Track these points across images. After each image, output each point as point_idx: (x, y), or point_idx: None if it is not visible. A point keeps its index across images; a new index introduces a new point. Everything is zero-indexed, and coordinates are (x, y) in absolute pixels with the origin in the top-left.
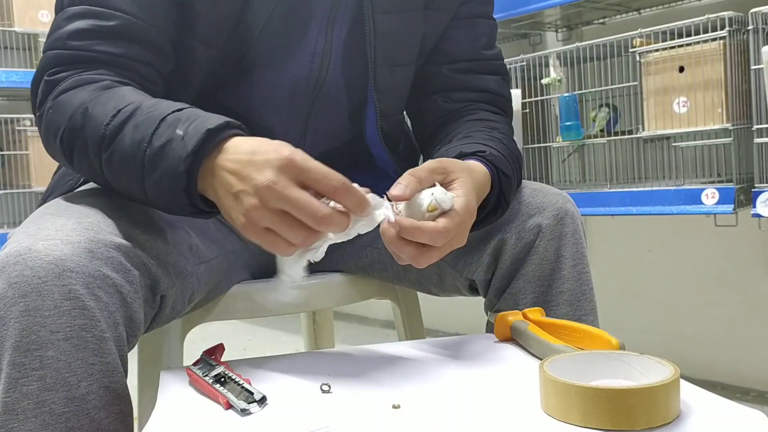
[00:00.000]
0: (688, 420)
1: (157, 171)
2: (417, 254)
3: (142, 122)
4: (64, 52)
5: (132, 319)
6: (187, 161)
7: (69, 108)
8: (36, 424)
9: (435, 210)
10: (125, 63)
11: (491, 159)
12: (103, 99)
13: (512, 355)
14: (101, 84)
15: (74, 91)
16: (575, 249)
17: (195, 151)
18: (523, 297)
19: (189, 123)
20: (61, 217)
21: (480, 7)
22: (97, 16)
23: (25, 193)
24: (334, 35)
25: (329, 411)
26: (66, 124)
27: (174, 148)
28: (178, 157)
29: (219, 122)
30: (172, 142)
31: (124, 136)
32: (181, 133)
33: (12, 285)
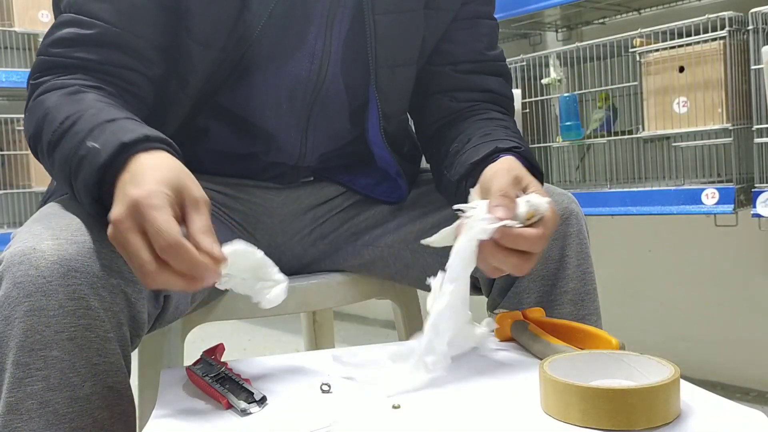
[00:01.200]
0: (688, 420)
1: (77, 180)
2: (521, 262)
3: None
4: (45, 58)
5: (136, 319)
6: (97, 174)
7: (39, 111)
8: (40, 424)
9: (533, 216)
10: (104, 68)
11: (526, 155)
12: (63, 103)
13: (512, 355)
14: (69, 89)
15: (46, 95)
16: (579, 249)
17: (105, 165)
18: (527, 296)
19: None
20: (65, 217)
21: (481, 8)
22: (79, 25)
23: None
24: (333, 36)
25: (329, 411)
26: (33, 128)
27: (90, 159)
28: (91, 169)
29: (135, 136)
30: (89, 154)
31: (63, 145)
32: (98, 145)
33: (17, 285)
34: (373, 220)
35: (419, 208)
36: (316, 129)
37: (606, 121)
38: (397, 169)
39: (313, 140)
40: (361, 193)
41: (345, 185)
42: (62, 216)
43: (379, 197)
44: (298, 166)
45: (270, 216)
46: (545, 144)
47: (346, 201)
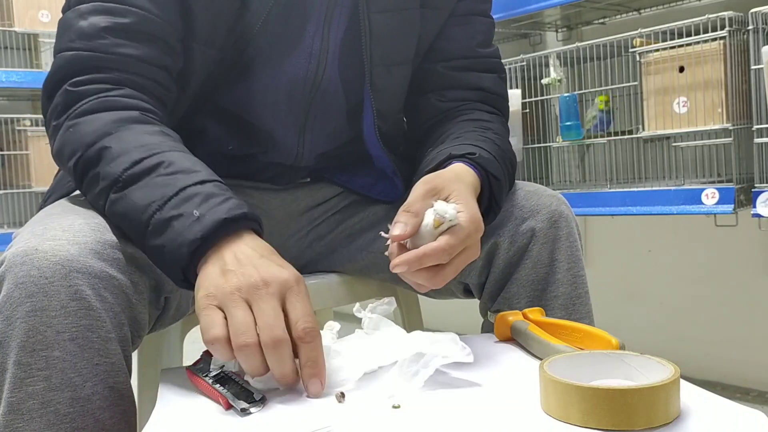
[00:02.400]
0: (688, 420)
1: (160, 239)
2: (431, 276)
3: (161, 182)
4: (83, 53)
5: (137, 319)
6: (193, 245)
7: (89, 134)
8: (41, 424)
9: (441, 224)
10: (144, 68)
11: (480, 161)
12: (125, 138)
13: (512, 355)
14: (127, 114)
15: (97, 115)
16: (570, 252)
17: (205, 237)
18: (518, 301)
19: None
20: (67, 218)
21: (477, 5)
22: (111, 13)
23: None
24: (330, 35)
25: (329, 411)
26: (82, 152)
27: (185, 224)
28: (186, 236)
29: (237, 212)
30: (183, 218)
31: (138, 189)
32: (197, 213)
33: (19, 285)
34: (368, 221)
35: None
36: (314, 128)
37: (600, 121)
38: (393, 169)
39: (310, 140)
40: (358, 193)
41: (342, 185)
42: (64, 217)
43: (377, 197)
44: (295, 167)
45: (267, 218)
46: (545, 144)
47: (342, 201)
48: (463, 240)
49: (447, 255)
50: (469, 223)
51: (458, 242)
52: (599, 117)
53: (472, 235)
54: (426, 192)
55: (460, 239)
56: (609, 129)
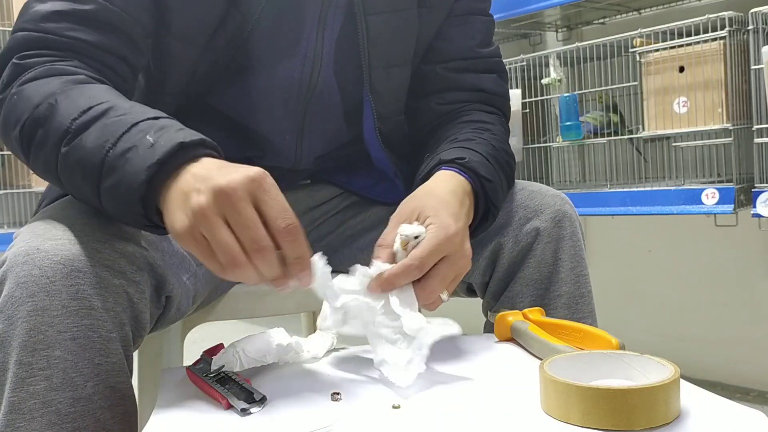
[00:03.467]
0: (688, 420)
1: (115, 175)
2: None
3: (111, 123)
4: (34, 34)
5: (138, 319)
6: (150, 170)
7: (35, 97)
8: (42, 424)
9: (408, 244)
10: (97, 54)
11: (470, 165)
12: (74, 93)
13: (512, 355)
14: (74, 77)
15: (44, 80)
16: (573, 252)
17: (161, 161)
18: (521, 300)
19: (163, 132)
20: (68, 217)
21: (475, 4)
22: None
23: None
24: (325, 37)
25: (329, 411)
26: (29, 113)
27: (139, 153)
28: (142, 164)
29: (194, 137)
30: (137, 148)
31: (89, 134)
32: (152, 140)
33: (20, 285)
34: (369, 222)
35: None
36: (312, 131)
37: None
38: (395, 170)
39: (308, 143)
40: (358, 194)
41: (342, 187)
42: (65, 216)
43: (377, 198)
44: (294, 170)
45: None
46: (545, 144)
47: (342, 202)
48: (433, 249)
49: (417, 269)
50: (438, 231)
51: (427, 252)
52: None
53: (444, 242)
54: (396, 222)
55: (428, 249)
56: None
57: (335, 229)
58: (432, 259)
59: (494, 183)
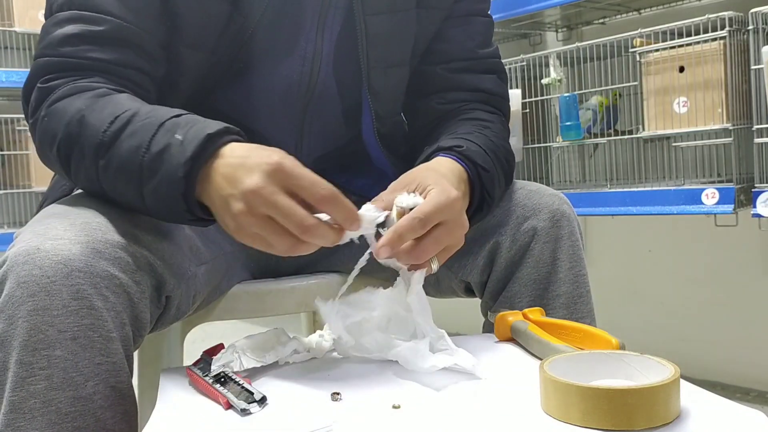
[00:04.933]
0: (688, 420)
1: (155, 177)
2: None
3: (140, 128)
4: (54, 59)
5: (138, 319)
6: (186, 166)
7: (65, 115)
8: (42, 423)
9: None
10: (116, 70)
11: (468, 154)
12: (99, 106)
13: (512, 355)
14: (96, 92)
15: (69, 99)
16: (572, 251)
17: (194, 157)
18: (519, 300)
19: (188, 128)
20: (68, 217)
21: (475, 5)
22: (86, 21)
23: (25, 193)
24: (325, 37)
25: (329, 411)
26: (62, 132)
27: (172, 153)
28: (177, 162)
29: (218, 127)
30: (170, 147)
31: (122, 142)
32: (180, 138)
33: (21, 284)
34: None
35: None
36: (311, 131)
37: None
38: (394, 170)
39: (308, 143)
40: (357, 194)
41: (341, 187)
42: (66, 216)
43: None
44: None
45: None
46: (545, 144)
47: None
48: (436, 208)
49: (421, 224)
50: (440, 193)
51: (431, 209)
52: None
53: (446, 203)
54: (393, 188)
55: (432, 206)
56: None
57: None
58: (434, 218)
59: (491, 173)
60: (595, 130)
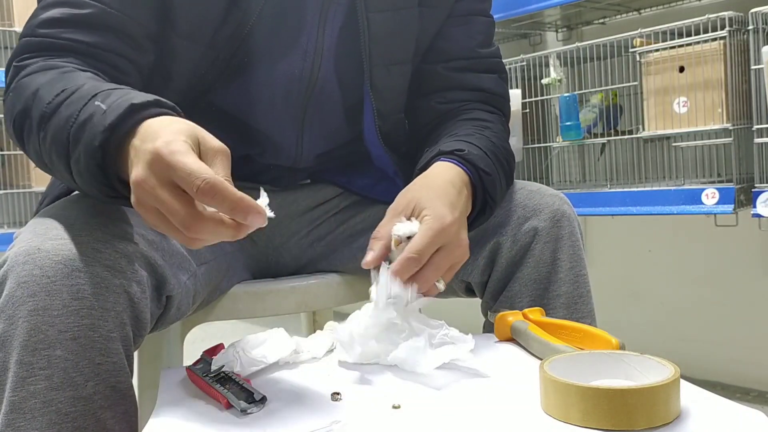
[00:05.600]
0: (688, 420)
1: (78, 147)
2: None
3: (76, 99)
4: (33, 39)
5: (139, 319)
6: (103, 135)
7: (27, 90)
8: (42, 423)
9: (401, 243)
10: (95, 52)
11: (469, 158)
12: (56, 80)
13: (512, 355)
14: (63, 69)
15: (36, 74)
16: (572, 251)
17: (111, 126)
18: (520, 300)
19: (117, 98)
20: (69, 217)
21: (476, 4)
22: (71, 5)
23: (25, 193)
24: (326, 33)
25: (329, 411)
26: (21, 105)
27: (94, 122)
28: (96, 130)
29: (145, 99)
30: (93, 116)
31: (60, 113)
32: (104, 106)
33: (21, 284)
34: (370, 221)
35: None
36: (312, 129)
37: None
38: (395, 169)
39: (309, 140)
40: (358, 193)
41: (342, 186)
42: (66, 216)
43: (377, 197)
44: (294, 168)
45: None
46: (545, 144)
47: (343, 202)
48: (429, 241)
49: (416, 261)
50: (433, 222)
51: (423, 244)
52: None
53: (439, 233)
54: (391, 215)
55: (424, 241)
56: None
57: (335, 229)
58: (429, 250)
59: (492, 177)
60: (595, 131)
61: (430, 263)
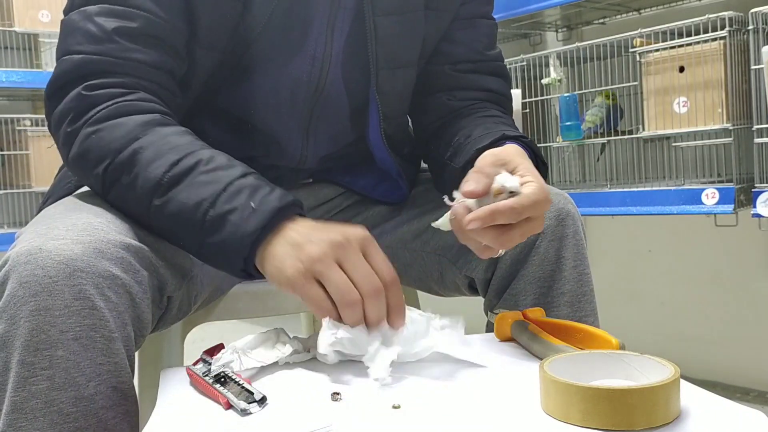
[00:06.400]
0: (688, 420)
1: (219, 234)
2: (498, 234)
3: (205, 181)
4: (93, 57)
5: (140, 319)
6: (254, 235)
7: (116, 140)
8: (44, 424)
9: (500, 194)
10: (152, 74)
11: (532, 146)
12: (156, 138)
13: (512, 355)
14: (149, 118)
15: (119, 120)
16: (576, 250)
17: (265, 227)
18: (524, 298)
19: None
20: (70, 217)
21: (480, 8)
22: (118, 16)
23: (25, 193)
24: (334, 38)
25: (329, 411)
26: (112, 158)
27: (243, 217)
28: (246, 228)
29: (288, 200)
30: (238, 210)
31: (183, 189)
32: (253, 205)
33: (23, 284)
34: (371, 221)
35: (417, 207)
36: (317, 131)
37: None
38: (398, 170)
39: (314, 143)
40: (360, 193)
41: (344, 186)
42: (68, 216)
43: (379, 197)
44: (297, 169)
45: None
46: (545, 144)
47: (344, 201)
48: (531, 205)
49: (516, 214)
50: (539, 191)
51: (528, 204)
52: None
53: (540, 203)
54: (494, 160)
55: (529, 202)
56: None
57: None
58: (528, 213)
59: (546, 167)
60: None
61: (519, 227)
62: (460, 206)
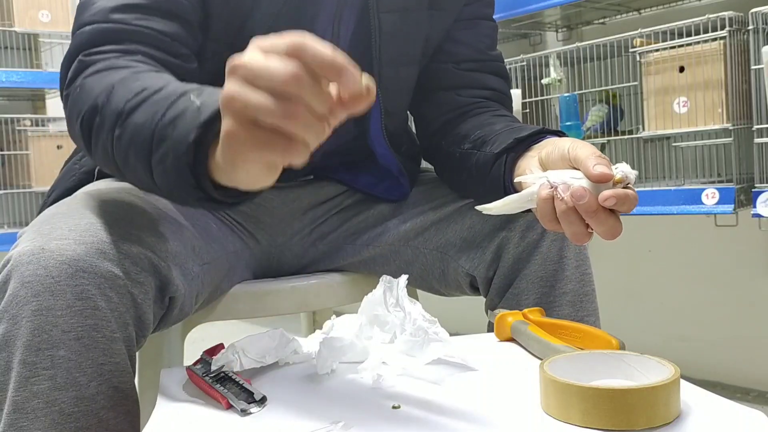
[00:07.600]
0: (688, 420)
1: (164, 145)
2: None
3: (163, 96)
4: (102, 25)
5: (141, 319)
6: (198, 131)
7: (97, 87)
8: (45, 423)
9: (621, 182)
10: (166, 43)
11: None
12: (131, 79)
13: (512, 355)
14: (135, 69)
15: (106, 72)
16: (578, 250)
17: (209, 121)
18: (526, 297)
19: (211, 94)
20: (73, 217)
21: (482, 9)
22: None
23: (25, 193)
24: (340, 34)
25: (329, 411)
26: (90, 104)
27: (186, 118)
28: (189, 126)
29: None
30: (185, 112)
31: (141, 110)
32: (198, 101)
33: (25, 284)
34: (373, 219)
35: (419, 205)
36: None
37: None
38: (399, 167)
39: None
40: (362, 191)
41: (346, 184)
42: (70, 216)
43: (380, 195)
44: None
45: (270, 216)
46: None
47: (346, 200)
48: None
49: (632, 203)
50: None
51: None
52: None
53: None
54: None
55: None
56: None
57: (338, 227)
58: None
59: None
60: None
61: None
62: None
